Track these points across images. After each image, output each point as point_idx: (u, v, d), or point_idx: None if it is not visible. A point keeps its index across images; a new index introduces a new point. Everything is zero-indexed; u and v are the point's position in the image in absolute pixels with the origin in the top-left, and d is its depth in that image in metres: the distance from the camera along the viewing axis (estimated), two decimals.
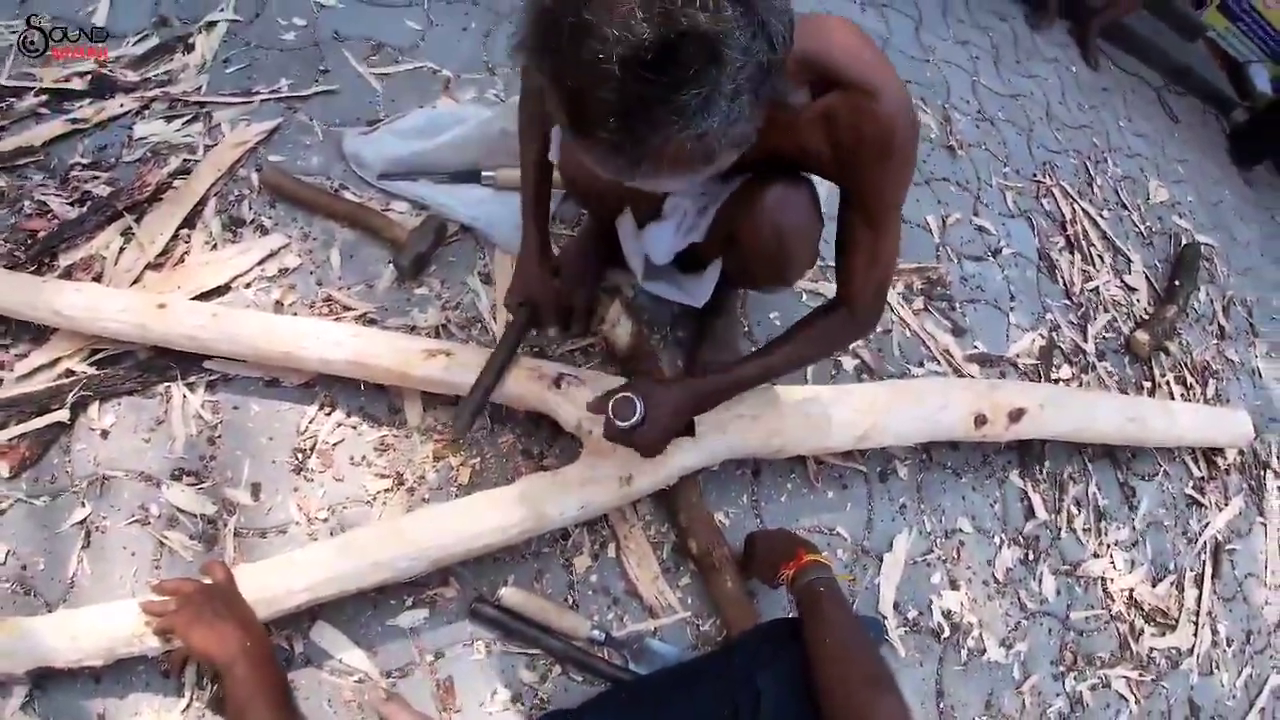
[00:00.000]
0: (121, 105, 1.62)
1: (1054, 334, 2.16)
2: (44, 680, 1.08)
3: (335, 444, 1.33)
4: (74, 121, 1.57)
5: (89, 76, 1.63)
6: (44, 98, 1.58)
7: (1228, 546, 2.17)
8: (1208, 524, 2.15)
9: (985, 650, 1.60)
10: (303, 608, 1.12)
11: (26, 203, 1.46)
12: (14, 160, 1.49)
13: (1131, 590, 1.90)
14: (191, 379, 1.34)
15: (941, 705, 1.51)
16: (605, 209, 1.31)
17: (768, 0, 0.65)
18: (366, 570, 1.13)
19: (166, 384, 1.33)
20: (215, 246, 1.47)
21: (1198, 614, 1.99)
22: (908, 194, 1.07)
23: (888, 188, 1.01)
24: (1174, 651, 1.90)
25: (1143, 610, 1.90)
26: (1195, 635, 1.95)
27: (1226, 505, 2.23)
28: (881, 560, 1.56)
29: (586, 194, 1.28)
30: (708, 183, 1.19)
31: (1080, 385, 2.11)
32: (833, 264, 1.15)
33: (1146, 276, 2.56)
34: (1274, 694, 2.02)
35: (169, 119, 1.62)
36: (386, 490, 1.31)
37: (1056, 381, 2.06)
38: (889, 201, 1.04)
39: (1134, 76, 3.52)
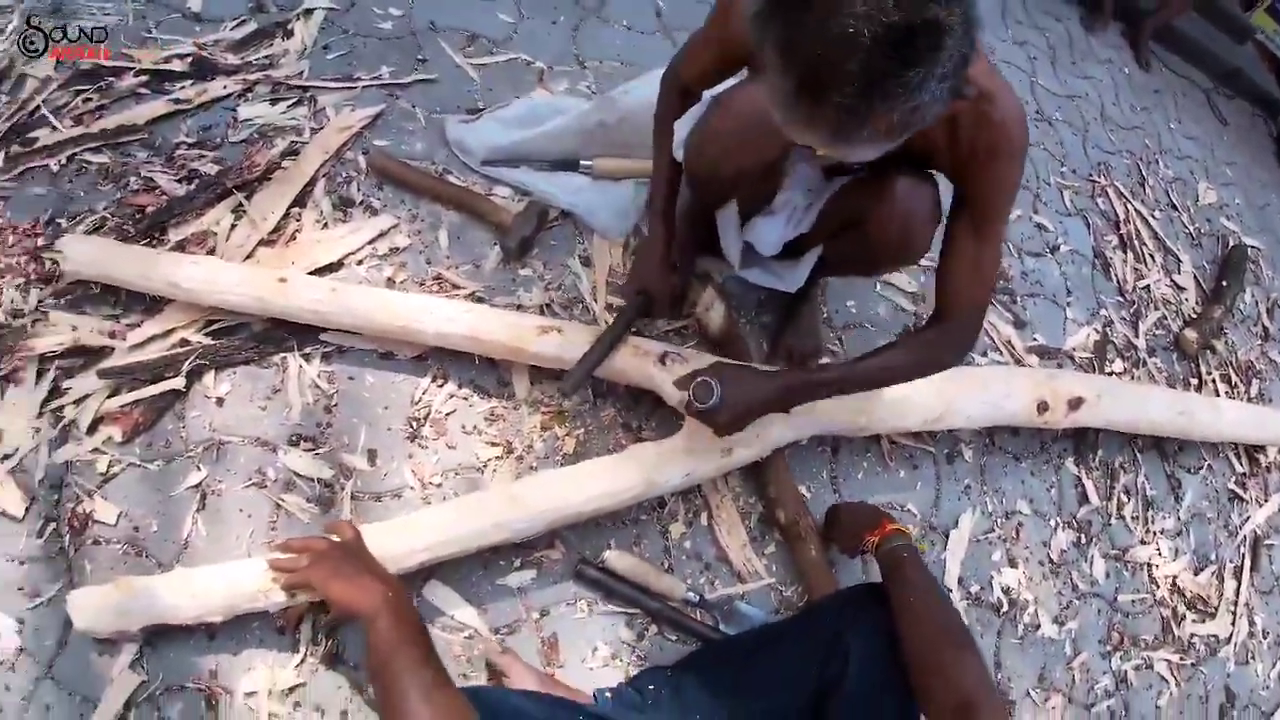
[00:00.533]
0: (224, 87, 1.67)
1: (1107, 329, 2.23)
2: (155, 637, 1.13)
3: (448, 414, 1.42)
4: (176, 102, 1.62)
5: (189, 59, 1.69)
6: (144, 78, 1.63)
7: (1266, 541, 2.24)
8: (1248, 518, 2.23)
9: (1040, 626, 1.69)
10: (423, 567, 1.19)
11: (132, 179, 1.50)
12: (117, 138, 1.54)
13: (1175, 577, 1.98)
14: (307, 350, 1.40)
15: (999, 676, 1.60)
16: (714, 201, 1.39)
17: (973, 4, 0.74)
18: (486, 530, 1.21)
19: (283, 354, 1.39)
20: (326, 225, 1.54)
21: (1236, 604, 2.06)
22: (1013, 205, 1.13)
23: (998, 191, 1.08)
24: (1213, 639, 1.98)
25: (1185, 597, 1.98)
26: (1233, 625, 2.03)
27: (1266, 501, 2.30)
28: (947, 537, 1.65)
29: (705, 184, 1.35)
30: (817, 180, 1.27)
31: (1131, 379, 2.18)
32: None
33: (1195, 276, 2.62)
34: None
35: (273, 102, 1.68)
36: (496, 458, 1.40)
37: (1109, 375, 2.13)
38: (998, 207, 1.10)
39: (1184, 79, 3.55)
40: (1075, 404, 1.72)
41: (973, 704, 0.97)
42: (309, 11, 1.83)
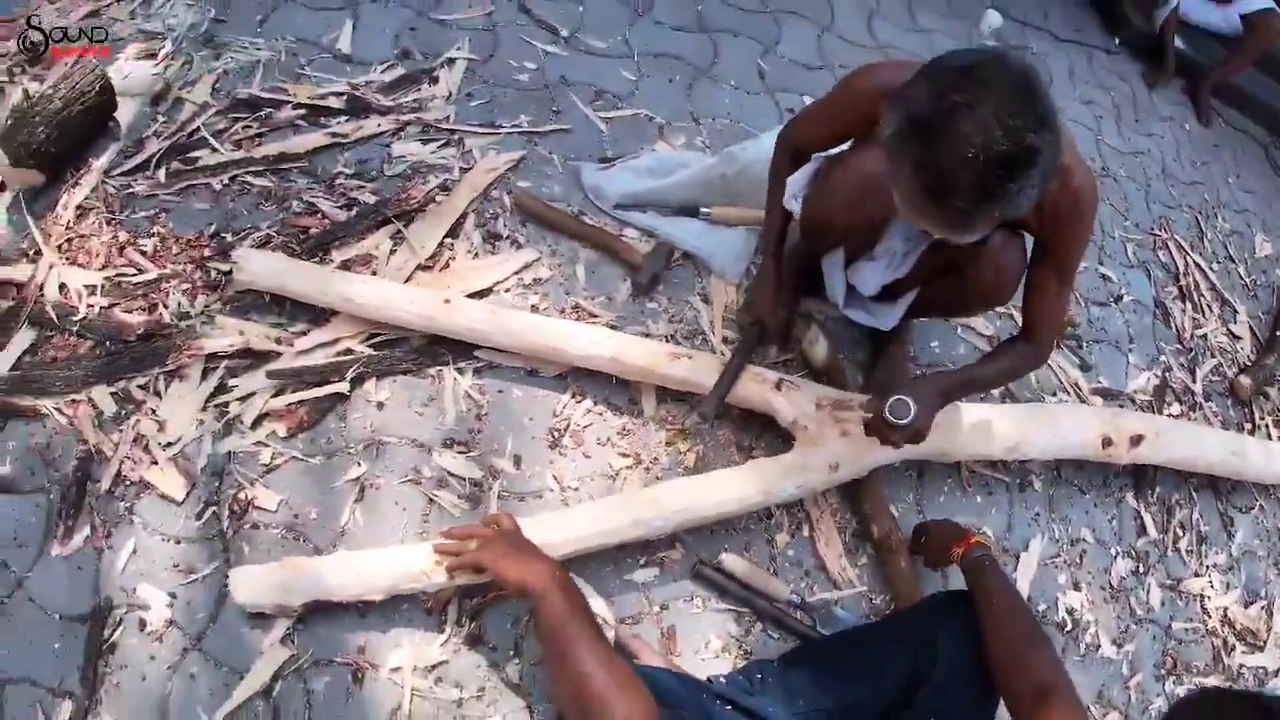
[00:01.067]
0: (379, 125, 1.88)
1: (1166, 374, 2.37)
2: (307, 616, 1.24)
3: (585, 427, 1.61)
4: (334, 135, 1.83)
5: (344, 97, 1.90)
6: (301, 111, 1.83)
7: None
8: None
9: (1100, 646, 1.82)
10: (570, 556, 1.32)
11: (294, 202, 1.70)
12: (278, 164, 1.74)
13: (1226, 609, 2.09)
14: (461, 364, 1.59)
15: None
16: (823, 247, 1.59)
17: (1061, 129, 0.97)
18: (627, 527, 1.39)
19: (439, 367, 1.57)
20: (476, 255, 1.74)
21: None
22: (1084, 257, 1.35)
23: (1074, 246, 1.31)
24: (1262, 670, 2.07)
25: (1235, 628, 2.08)
26: None
27: None
28: (1018, 559, 1.81)
29: (817, 233, 1.55)
30: (915, 232, 1.47)
31: (1190, 421, 2.32)
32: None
33: (1250, 326, 2.74)
34: None
35: (424, 141, 1.89)
36: (627, 468, 1.59)
37: (1168, 417, 2.27)
38: (1074, 259, 1.33)
39: (1242, 133, 3.66)
40: (1136, 441, 1.87)
41: (1049, 689, 1.07)
42: (452, 61, 2.05)
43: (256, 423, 1.44)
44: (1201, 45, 3.55)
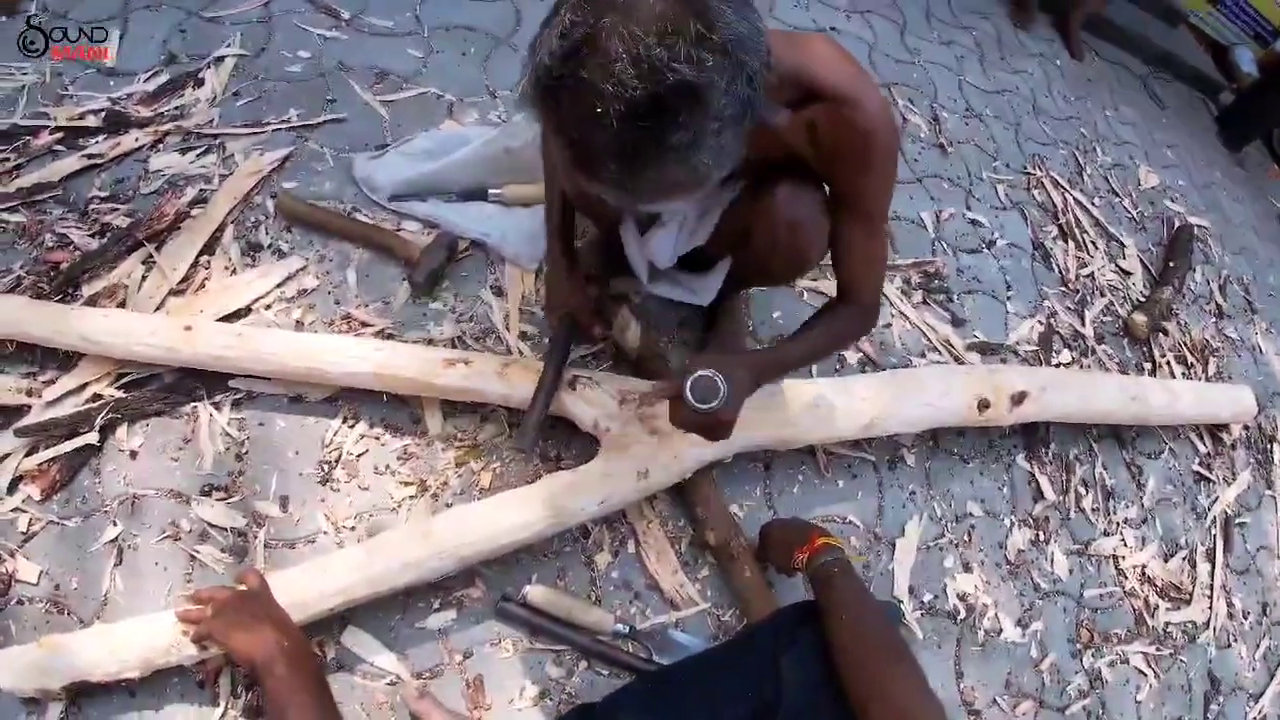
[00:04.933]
0: (136, 140, 1.67)
1: (1052, 320, 2.20)
2: (79, 696, 1.11)
3: (360, 455, 1.38)
4: (90, 157, 1.63)
5: (103, 114, 1.68)
6: (59, 135, 1.63)
7: (1237, 520, 2.19)
8: (1216, 499, 2.18)
9: (1002, 630, 1.63)
10: (336, 611, 1.16)
11: (48, 236, 1.51)
12: (33, 195, 1.55)
13: (1143, 567, 1.93)
14: (217, 398, 1.39)
15: (962, 685, 1.54)
16: (607, 220, 1.36)
17: (743, 41, 0.71)
18: (397, 571, 1.18)
19: (193, 404, 1.38)
20: (234, 271, 1.53)
21: (1211, 588, 2.01)
22: (892, 198, 1.14)
23: (871, 193, 1.09)
24: (1190, 625, 1.92)
25: (1156, 586, 1.93)
26: (1210, 609, 1.97)
27: (1234, 480, 2.26)
28: (894, 546, 1.60)
29: (590, 207, 1.33)
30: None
31: (1081, 369, 2.15)
32: (829, 263, 1.21)
33: (1141, 260, 2.60)
34: None
35: (184, 151, 1.68)
36: (411, 497, 1.36)
37: (1057, 366, 2.10)
38: (874, 207, 1.12)
39: (1118, 66, 3.57)
40: (1018, 399, 1.69)
41: (909, 717, 0.95)
42: (219, 59, 1.83)
43: (12, 487, 1.27)
44: None
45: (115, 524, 1.25)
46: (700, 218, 1.27)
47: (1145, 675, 1.78)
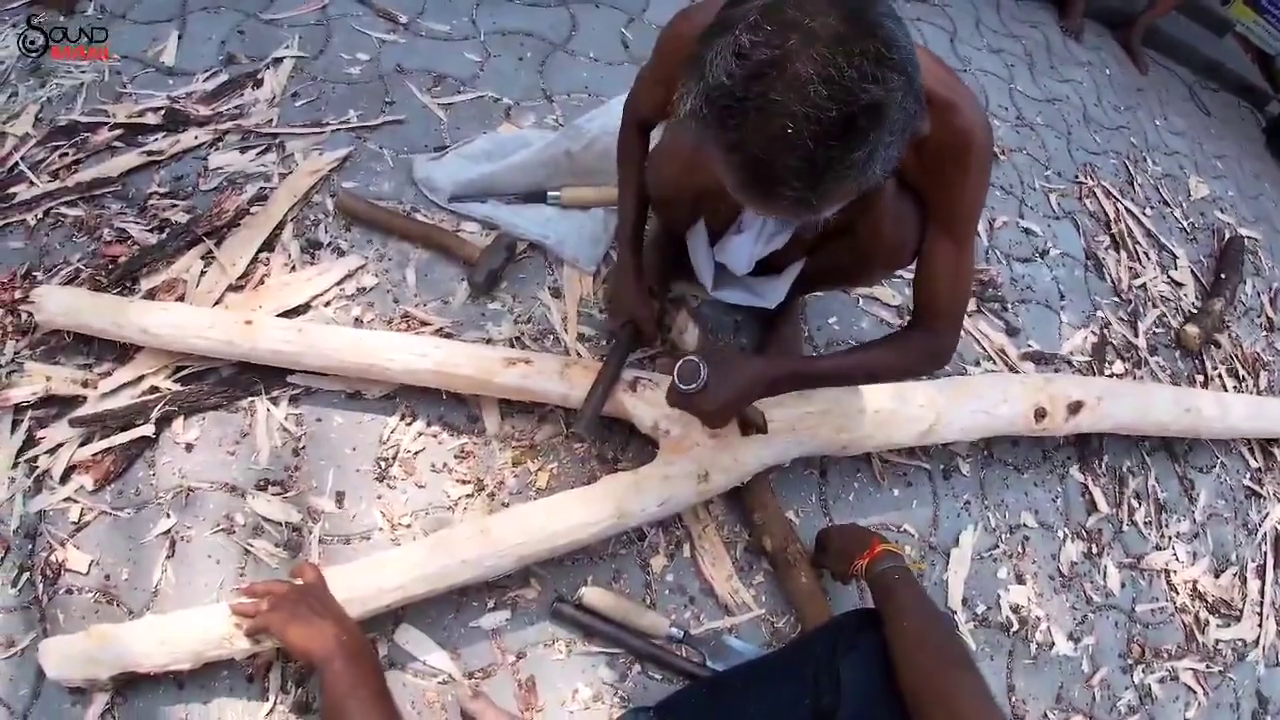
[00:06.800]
0: (195, 138, 1.69)
1: (1105, 330, 2.17)
2: (125, 687, 1.11)
3: (417, 452, 1.38)
4: (149, 154, 1.64)
5: (162, 111, 1.71)
6: (118, 132, 1.65)
7: None
8: (1267, 515, 2.14)
9: (1054, 644, 1.61)
10: (392, 608, 1.15)
11: (106, 230, 1.52)
12: (92, 190, 1.57)
13: (1195, 582, 1.90)
14: (275, 393, 1.39)
15: (1013, 699, 1.52)
16: (680, 223, 1.36)
17: (912, 57, 0.72)
18: (455, 569, 1.17)
19: (250, 398, 1.38)
20: (294, 268, 1.53)
21: (1261, 605, 1.97)
22: (982, 213, 1.12)
23: (966, 198, 1.07)
24: (1240, 643, 1.89)
25: (1206, 602, 1.89)
26: (1260, 626, 1.93)
27: None
28: (948, 556, 1.59)
29: (668, 205, 1.33)
30: None
31: (1134, 380, 2.12)
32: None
33: (1192, 271, 2.57)
34: None
35: (243, 149, 1.69)
36: (467, 496, 1.36)
37: (1110, 377, 2.07)
38: (968, 213, 1.10)
39: (1168, 73, 3.53)
40: (1074, 408, 1.66)
41: None
42: (278, 60, 1.85)
43: (65, 477, 1.26)
44: None
45: (169, 516, 1.26)
46: (780, 221, 1.26)
47: (1195, 692, 1.75)
